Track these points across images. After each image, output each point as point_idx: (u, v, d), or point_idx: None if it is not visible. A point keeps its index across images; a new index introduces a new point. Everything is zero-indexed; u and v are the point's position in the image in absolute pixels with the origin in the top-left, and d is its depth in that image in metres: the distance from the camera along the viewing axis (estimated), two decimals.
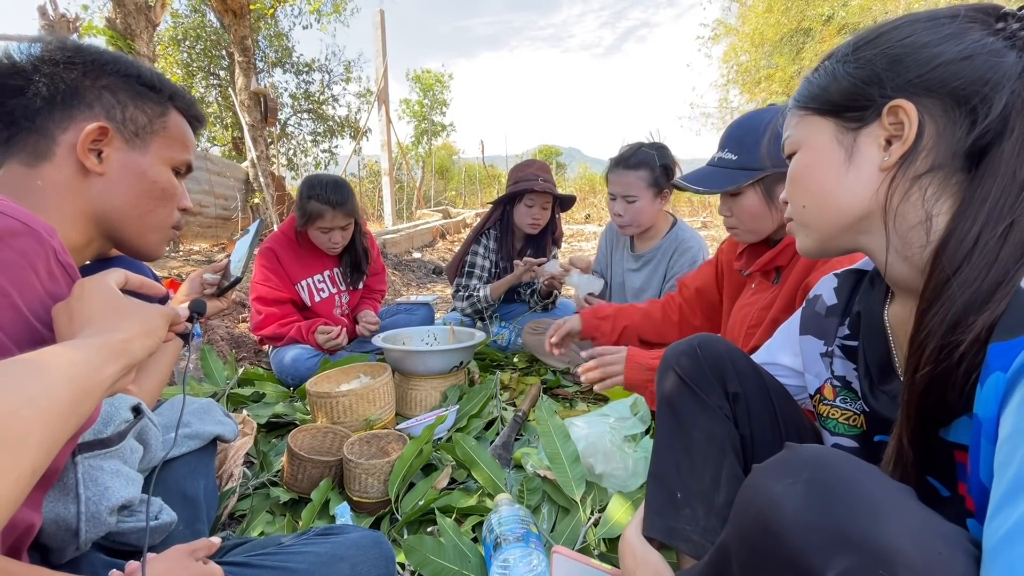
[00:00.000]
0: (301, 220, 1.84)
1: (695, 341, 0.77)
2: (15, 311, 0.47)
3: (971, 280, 0.45)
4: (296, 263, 1.91)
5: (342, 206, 1.81)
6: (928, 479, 0.53)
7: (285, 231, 1.94)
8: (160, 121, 0.77)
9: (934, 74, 0.49)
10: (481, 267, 2.19)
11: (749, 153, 1.07)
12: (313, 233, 1.87)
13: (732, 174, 1.09)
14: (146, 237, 0.77)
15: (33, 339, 0.47)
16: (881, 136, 0.53)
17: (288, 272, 1.90)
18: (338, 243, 1.88)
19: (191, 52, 11.88)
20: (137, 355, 0.48)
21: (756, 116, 1.11)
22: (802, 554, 0.38)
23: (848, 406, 0.67)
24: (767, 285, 1.14)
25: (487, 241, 2.20)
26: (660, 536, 0.69)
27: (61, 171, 0.68)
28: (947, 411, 0.48)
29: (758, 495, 0.42)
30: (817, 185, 0.58)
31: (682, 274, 1.66)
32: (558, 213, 2.24)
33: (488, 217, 2.23)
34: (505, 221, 2.18)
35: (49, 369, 0.38)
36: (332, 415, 1.33)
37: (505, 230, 2.19)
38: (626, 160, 1.66)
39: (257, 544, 0.81)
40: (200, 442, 1.03)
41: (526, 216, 2.10)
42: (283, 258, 1.90)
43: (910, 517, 0.38)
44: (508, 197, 2.14)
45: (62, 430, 0.38)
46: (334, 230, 1.84)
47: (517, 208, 2.12)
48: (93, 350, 0.43)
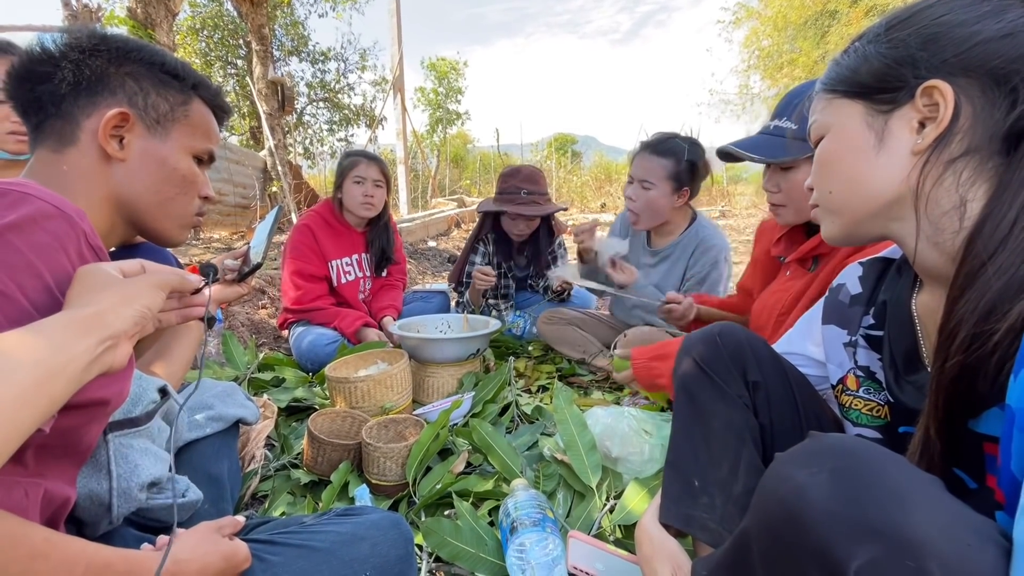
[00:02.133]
0: (338, 181, 1.98)
1: (715, 329, 0.77)
2: (48, 292, 0.48)
3: (1007, 267, 0.44)
4: (330, 242, 1.98)
5: (374, 159, 1.95)
6: (955, 471, 0.52)
7: (320, 211, 2.02)
8: (182, 109, 0.77)
9: (972, 53, 0.47)
10: None
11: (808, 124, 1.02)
12: (348, 190, 1.95)
13: (791, 144, 1.01)
14: (167, 224, 0.78)
15: None
16: (914, 119, 0.51)
17: (323, 249, 1.97)
18: (371, 197, 1.95)
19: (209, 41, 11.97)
20: (115, 326, 0.45)
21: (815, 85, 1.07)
22: (827, 543, 0.37)
23: (872, 397, 0.66)
24: (802, 272, 1.11)
25: (484, 248, 2.17)
26: (677, 524, 0.69)
27: (85, 156, 0.70)
28: (977, 402, 0.47)
29: (782, 483, 0.42)
30: (846, 170, 0.56)
31: (702, 275, 1.62)
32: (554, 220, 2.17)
33: (481, 226, 2.17)
34: (499, 228, 2.14)
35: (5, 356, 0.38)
36: (350, 400, 1.35)
37: (500, 235, 2.16)
38: (655, 146, 1.60)
39: (279, 523, 0.83)
40: (223, 424, 1.05)
41: (511, 227, 2.07)
42: (319, 236, 1.97)
43: (939, 507, 0.37)
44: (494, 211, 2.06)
45: (30, 415, 0.38)
46: (367, 181, 1.93)
47: (503, 219, 2.08)
48: (58, 328, 0.42)
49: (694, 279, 1.65)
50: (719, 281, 1.64)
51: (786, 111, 1.05)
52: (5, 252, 0.46)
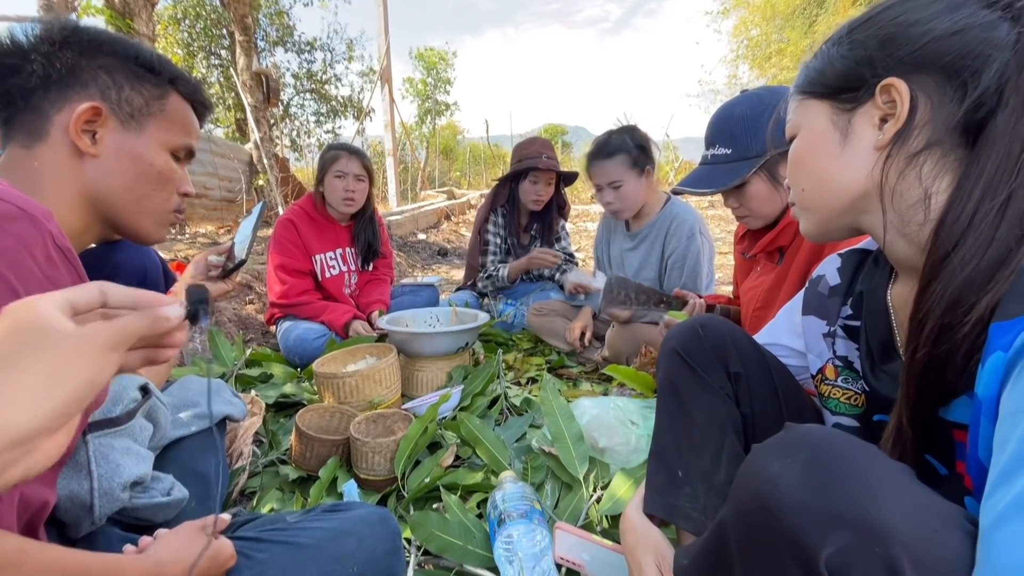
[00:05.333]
0: (319, 175, 1.96)
1: (697, 321, 0.77)
2: (15, 296, 0.47)
3: (969, 258, 0.45)
4: (313, 236, 1.98)
5: (356, 153, 1.94)
6: (927, 458, 0.53)
7: (303, 205, 2.02)
8: (158, 104, 0.76)
9: (924, 50, 0.49)
10: (495, 244, 2.27)
11: (743, 143, 1.05)
12: (330, 184, 1.93)
13: (732, 168, 1.07)
14: (143, 221, 0.77)
15: None
16: (875, 115, 0.52)
17: (306, 244, 1.96)
18: (353, 192, 1.94)
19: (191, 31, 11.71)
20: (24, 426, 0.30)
21: (735, 104, 1.10)
22: (798, 532, 0.38)
23: (849, 386, 0.67)
24: (771, 267, 1.13)
25: (496, 218, 2.27)
26: (661, 513, 0.70)
27: (56, 152, 0.68)
28: (947, 391, 0.48)
29: (756, 474, 0.42)
30: (815, 167, 0.57)
31: (681, 250, 1.65)
32: (563, 188, 2.28)
33: (495, 195, 2.27)
34: (511, 199, 2.24)
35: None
36: (339, 395, 1.35)
37: (511, 207, 2.26)
38: (601, 150, 1.66)
39: (267, 520, 0.83)
40: (209, 421, 1.05)
41: (530, 193, 2.16)
42: (302, 230, 1.96)
43: (906, 496, 0.38)
44: (513, 175, 2.17)
45: None
46: (348, 176, 1.92)
47: (522, 185, 2.18)
48: None
49: (674, 259, 1.67)
50: (699, 259, 1.66)
51: (716, 138, 1.11)
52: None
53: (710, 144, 1.13)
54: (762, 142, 1.02)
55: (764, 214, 1.10)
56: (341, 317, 1.88)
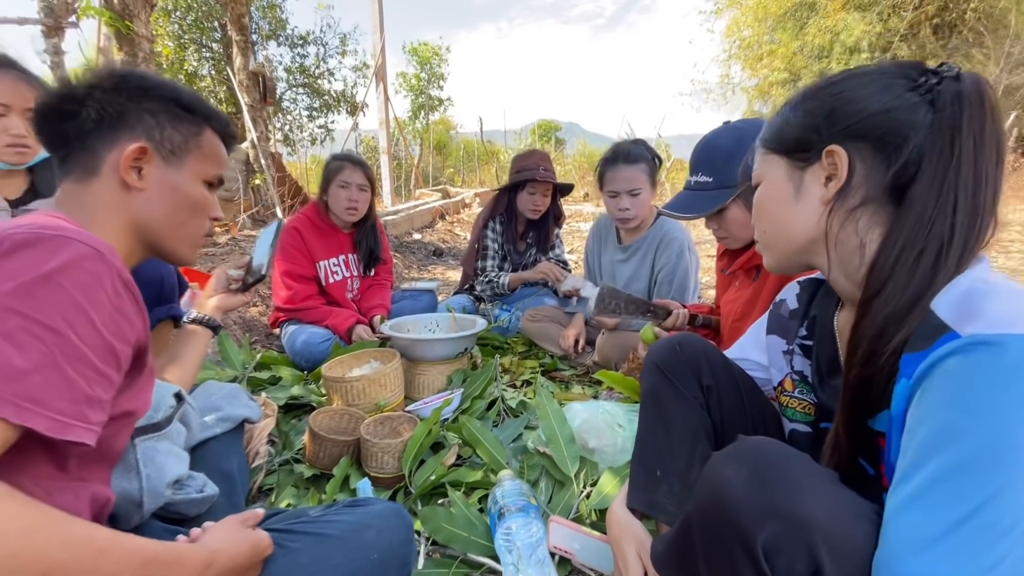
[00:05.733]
0: (323, 184, 2.04)
1: (676, 339, 0.88)
2: (92, 326, 0.55)
3: (890, 299, 0.55)
4: (317, 243, 2.07)
5: (359, 164, 2.03)
6: (859, 460, 0.64)
7: (307, 213, 2.11)
8: (195, 140, 0.84)
9: (860, 124, 0.59)
10: (493, 250, 2.38)
11: (722, 172, 1.17)
12: (334, 194, 2.02)
13: (713, 196, 1.18)
14: (180, 245, 0.85)
15: (105, 347, 0.56)
16: (822, 175, 0.62)
17: (311, 251, 2.05)
18: (356, 201, 2.02)
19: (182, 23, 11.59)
20: None
21: (718, 135, 1.22)
22: (742, 522, 0.49)
23: (804, 396, 0.78)
24: (748, 283, 1.24)
25: (495, 225, 2.38)
26: (642, 508, 0.81)
27: (107, 187, 0.76)
28: (873, 405, 0.58)
29: (713, 477, 0.53)
30: (774, 214, 0.67)
31: (670, 265, 1.75)
32: (559, 199, 2.40)
33: (495, 204, 2.38)
34: (510, 207, 2.35)
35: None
36: (347, 398, 1.44)
37: (509, 215, 2.38)
38: (625, 156, 1.73)
39: (291, 514, 0.92)
40: (231, 424, 1.14)
41: (528, 203, 2.27)
42: (307, 237, 2.05)
43: (826, 494, 0.49)
44: (512, 185, 2.28)
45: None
46: (352, 186, 2.01)
47: (520, 195, 2.29)
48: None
49: (664, 273, 1.77)
50: (688, 273, 1.77)
51: (700, 166, 1.21)
52: (55, 293, 0.53)
53: (694, 171, 1.24)
54: (742, 174, 1.13)
55: (741, 237, 1.22)
56: (344, 322, 1.97)
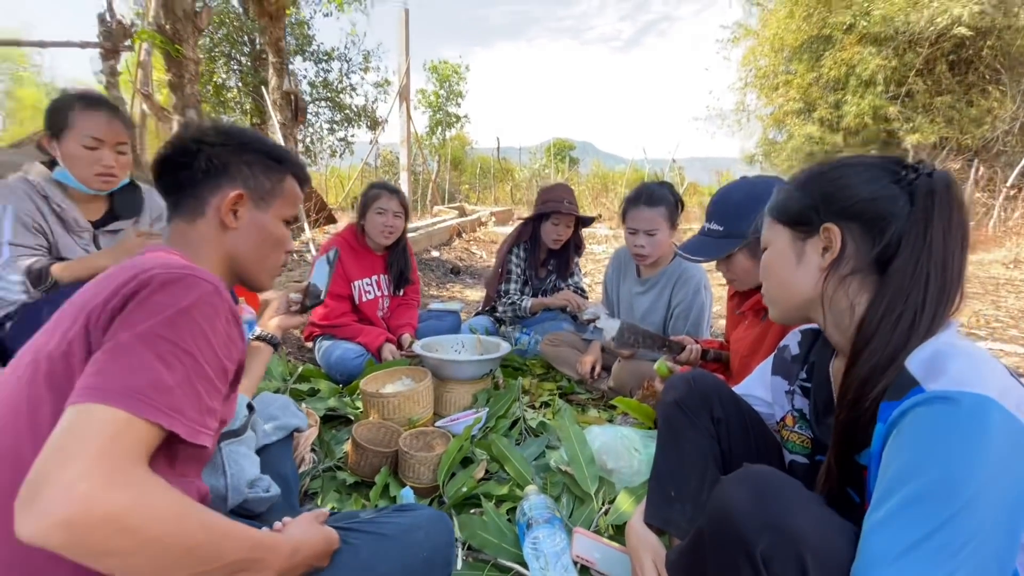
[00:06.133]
0: (361, 210, 2.22)
1: (692, 375, 1.00)
2: (212, 349, 0.69)
3: (873, 354, 0.67)
4: (353, 264, 2.23)
5: (395, 192, 2.22)
6: (848, 490, 0.75)
7: (345, 236, 2.27)
8: (280, 186, 0.98)
9: (851, 209, 0.71)
10: (516, 274, 2.52)
11: (732, 223, 1.31)
12: (371, 219, 2.19)
13: (721, 243, 1.32)
14: (262, 276, 0.99)
15: (219, 367, 0.69)
16: (819, 246, 0.75)
17: (347, 271, 2.20)
18: (391, 226, 2.19)
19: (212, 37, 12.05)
20: None
21: (733, 189, 1.36)
22: (744, 534, 0.60)
23: (803, 431, 0.90)
24: (757, 321, 1.36)
25: (518, 251, 2.54)
26: (658, 523, 0.93)
27: (209, 227, 0.90)
28: (859, 442, 0.70)
29: (722, 496, 0.65)
30: (778, 275, 0.80)
31: (687, 302, 1.88)
32: (580, 230, 2.55)
33: (520, 232, 2.55)
34: (534, 236, 2.51)
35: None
36: (383, 412, 1.57)
37: (533, 243, 2.53)
38: (647, 198, 1.86)
39: (342, 516, 1.04)
40: (285, 432, 1.27)
41: (552, 232, 2.43)
42: (343, 258, 2.20)
43: (813, 513, 0.61)
44: (537, 215, 2.44)
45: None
46: (388, 212, 2.17)
47: (544, 225, 2.45)
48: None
49: (680, 309, 1.89)
50: (703, 310, 1.89)
51: (713, 216, 1.36)
52: (190, 324, 0.66)
53: (708, 219, 1.38)
54: (747, 227, 1.26)
55: (746, 281, 1.35)
56: (375, 340, 2.11)
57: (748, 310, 1.37)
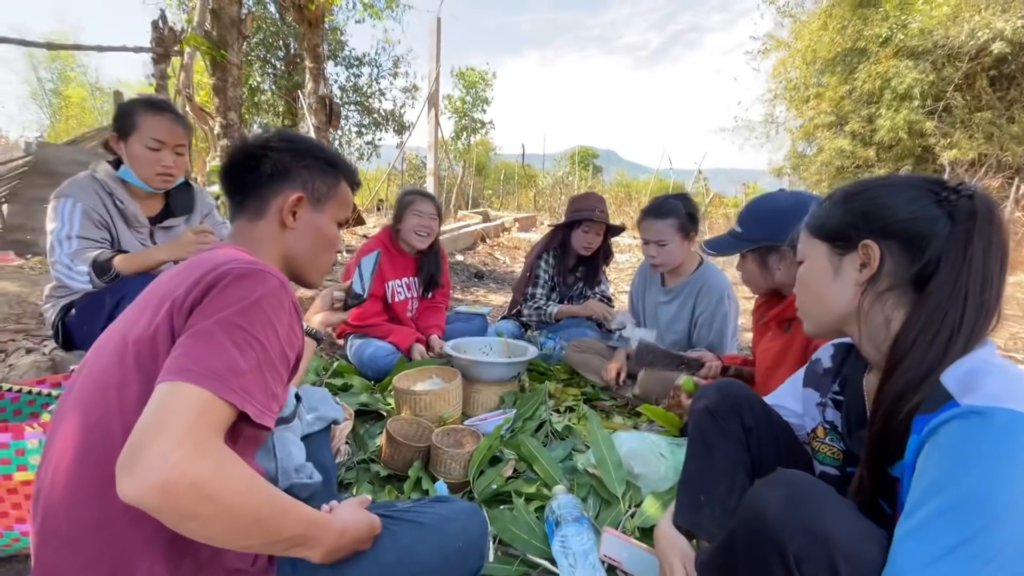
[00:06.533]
0: (398, 214, 2.30)
1: (723, 384, 1.03)
2: (278, 339, 0.74)
3: (908, 369, 0.69)
4: (388, 265, 2.31)
5: (430, 197, 2.31)
6: (880, 501, 0.77)
7: (381, 238, 2.36)
8: (335, 190, 1.04)
9: (891, 227, 0.73)
10: (544, 280, 2.57)
11: (749, 228, 1.38)
12: (407, 221, 2.26)
13: (735, 243, 1.41)
14: (315, 274, 1.05)
15: (282, 356, 0.75)
16: (857, 262, 0.77)
17: (381, 272, 2.28)
18: (428, 227, 2.27)
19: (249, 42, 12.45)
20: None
21: (764, 199, 1.43)
22: (777, 535, 0.63)
23: (834, 443, 0.91)
24: (780, 333, 1.38)
25: (548, 257, 2.58)
26: (687, 526, 0.95)
27: (270, 226, 0.97)
28: (892, 455, 0.72)
29: (756, 497, 0.68)
30: (814, 289, 0.82)
31: (710, 311, 1.90)
32: (609, 239, 2.59)
33: (550, 238, 2.60)
34: (564, 243, 2.56)
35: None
36: (415, 409, 1.62)
37: (562, 250, 2.57)
38: (656, 211, 1.94)
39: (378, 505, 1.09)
40: (325, 423, 1.33)
41: (582, 240, 2.47)
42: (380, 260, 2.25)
43: (845, 518, 0.63)
44: (568, 223, 2.49)
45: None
46: (424, 216, 2.26)
47: (575, 233, 2.50)
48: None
49: (704, 317, 1.91)
50: (726, 319, 1.91)
51: (740, 219, 1.44)
52: (260, 314, 0.72)
53: (737, 222, 1.45)
54: (761, 234, 1.32)
55: (750, 283, 1.44)
56: (406, 340, 2.17)
57: (771, 321, 1.40)
